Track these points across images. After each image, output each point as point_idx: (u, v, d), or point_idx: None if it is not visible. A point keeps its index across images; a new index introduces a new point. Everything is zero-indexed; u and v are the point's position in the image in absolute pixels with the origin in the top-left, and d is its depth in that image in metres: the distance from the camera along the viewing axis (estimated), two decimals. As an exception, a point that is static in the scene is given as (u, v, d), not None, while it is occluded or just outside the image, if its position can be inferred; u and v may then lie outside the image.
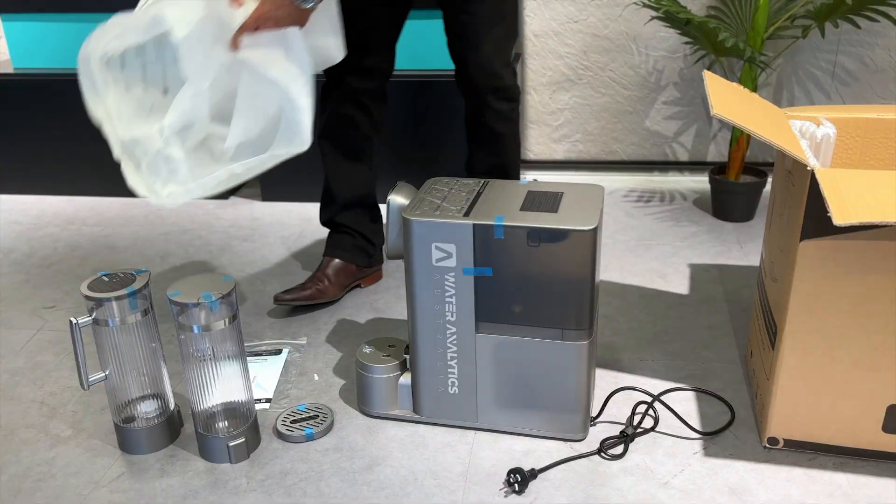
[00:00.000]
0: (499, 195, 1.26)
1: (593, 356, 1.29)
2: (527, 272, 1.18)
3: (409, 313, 1.27)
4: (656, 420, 1.32)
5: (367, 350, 1.36)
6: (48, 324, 1.72)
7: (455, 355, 1.27)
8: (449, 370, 1.28)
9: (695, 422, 1.32)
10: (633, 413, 1.32)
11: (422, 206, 1.22)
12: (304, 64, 1.28)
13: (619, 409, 1.35)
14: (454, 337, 1.25)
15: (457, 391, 1.29)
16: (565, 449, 1.26)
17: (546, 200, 1.23)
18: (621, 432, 1.28)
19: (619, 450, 1.26)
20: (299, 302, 1.69)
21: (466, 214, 1.19)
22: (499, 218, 1.17)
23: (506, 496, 1.17)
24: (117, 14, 1.26)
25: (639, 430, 1.30)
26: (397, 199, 1.25)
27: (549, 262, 1.17)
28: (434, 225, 1.19)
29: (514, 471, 1.18)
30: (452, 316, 1.24)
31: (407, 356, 1.33)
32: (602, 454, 1.25)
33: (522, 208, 1.20)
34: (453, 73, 1.63)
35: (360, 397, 1.37)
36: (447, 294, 1.22)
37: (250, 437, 1.28)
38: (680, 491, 1.17)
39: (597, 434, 1.29)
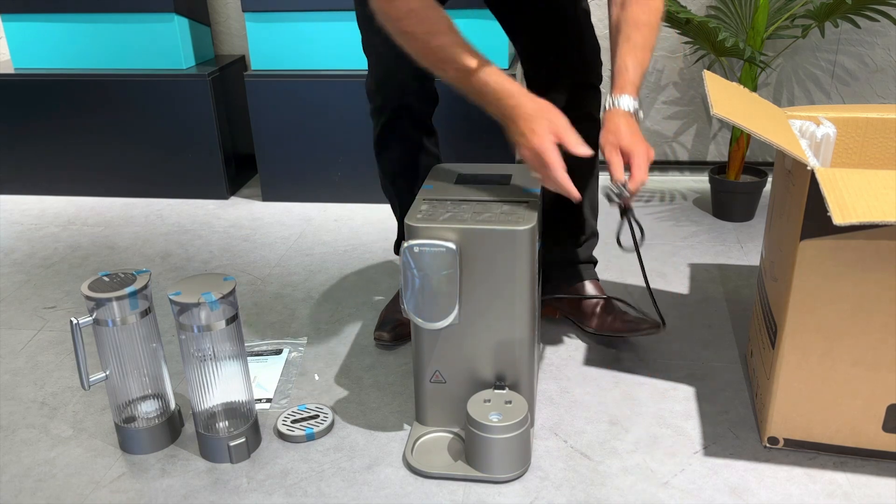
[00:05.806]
0: (482, 181, 1.32)
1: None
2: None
3: (518, 330, 1.20)
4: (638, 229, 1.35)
5: (495, 418, 1.17)
6: (49, 324, 1.72)
7: (537, 335, 1.32)
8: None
9: (695, 421, 1.32)
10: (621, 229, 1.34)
11: (506, 218, 1.17)
12: None
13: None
14: (538, 316, 1.30)
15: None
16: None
17: (484, 178, 1.34)
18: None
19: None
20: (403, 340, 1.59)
21: (526, 201, 1.23)
22: (533, 189, 1.27)
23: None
24: None
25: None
26: (445, 242, 1.15)
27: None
28: (538, 222, 1.20)
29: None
30: (539, 296, 1.29)
31: (500, 389, 1.23)
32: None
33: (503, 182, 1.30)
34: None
35: (495, 464, 1.19)
36: (538, 279, 1.26)
37: (251, 437, 1.28)
38: (680, 491, 1.17)
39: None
